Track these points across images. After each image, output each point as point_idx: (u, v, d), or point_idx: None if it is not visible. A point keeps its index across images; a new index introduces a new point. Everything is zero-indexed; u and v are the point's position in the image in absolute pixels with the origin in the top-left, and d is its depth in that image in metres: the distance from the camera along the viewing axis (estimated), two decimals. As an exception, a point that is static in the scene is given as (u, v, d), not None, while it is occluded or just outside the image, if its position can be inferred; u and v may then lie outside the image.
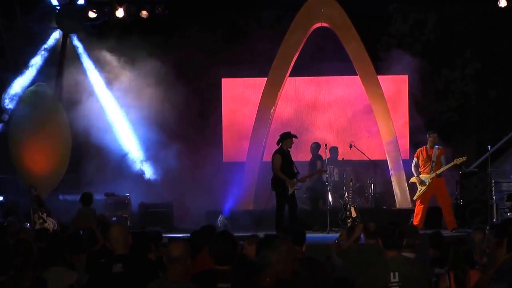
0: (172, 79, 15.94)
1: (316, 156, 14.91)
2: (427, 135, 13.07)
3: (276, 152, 12.36)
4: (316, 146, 14.97)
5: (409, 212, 13.57)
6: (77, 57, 16.04)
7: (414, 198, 13.15)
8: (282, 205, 12.23)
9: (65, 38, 16.12)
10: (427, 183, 12.80)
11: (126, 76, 15.59)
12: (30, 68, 16.00)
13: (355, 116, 15.99)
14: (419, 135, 13.90)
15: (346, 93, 16.47)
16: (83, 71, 15.90)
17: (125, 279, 5.57)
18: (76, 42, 16.18)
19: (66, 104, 15.60)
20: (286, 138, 12.37)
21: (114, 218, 14.39)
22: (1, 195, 15.27)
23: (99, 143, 15.36)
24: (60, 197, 15.57)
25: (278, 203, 12.27)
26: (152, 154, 16.20)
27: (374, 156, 15.27)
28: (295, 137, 12.57)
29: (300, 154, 15.12)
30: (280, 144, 12.37)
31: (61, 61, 16.08)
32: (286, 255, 4.84)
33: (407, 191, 14.66)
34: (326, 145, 14.32)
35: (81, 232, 9.15)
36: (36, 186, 13.63)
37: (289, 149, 12.36)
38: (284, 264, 4.81)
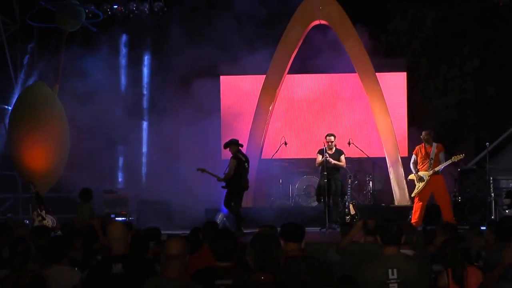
0: (170, 77, 15.93)
1: None
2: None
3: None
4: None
5: (408, 209, 13.58)
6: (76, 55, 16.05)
7: (412, 195, 13.15)
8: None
9: (64, 36, 16.10)
10: (425, 180, 12.81)
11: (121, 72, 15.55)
12: (29, 66, 15.98)
13: (353, 113, 15.99)
14: (418, 132, 13.88)
15: (344, 90, 16.45)
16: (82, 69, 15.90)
17: (125, 280, 5.47)
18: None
19: (66, 101, 15.60)
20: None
21: (113, 215, 14.41)
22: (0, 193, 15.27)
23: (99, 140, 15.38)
24: None
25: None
26: (151, 151, 16.20)
27: (373, 153, 15.27)
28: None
29: (302, 151, 15.17)
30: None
31: (60, 59, 16.06)
32: (280, 252, 4.85)
33: (406, 189, 14.68)
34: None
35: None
36: (35, 183, 13.63)
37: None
38: (277, 261, 4.82)
